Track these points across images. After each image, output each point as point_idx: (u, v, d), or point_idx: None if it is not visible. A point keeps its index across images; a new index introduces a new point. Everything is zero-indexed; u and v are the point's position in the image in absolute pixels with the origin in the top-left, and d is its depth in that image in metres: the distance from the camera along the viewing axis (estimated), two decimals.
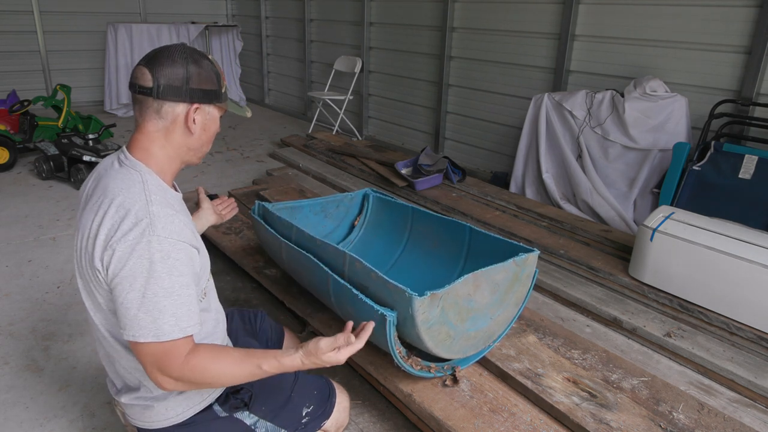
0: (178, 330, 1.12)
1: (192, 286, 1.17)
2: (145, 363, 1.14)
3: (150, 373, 1.14)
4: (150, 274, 1.09)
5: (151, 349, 1.11)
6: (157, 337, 1.10)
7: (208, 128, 1.29)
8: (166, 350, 1.11)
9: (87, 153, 4.01)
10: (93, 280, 1.17)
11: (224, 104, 1.31)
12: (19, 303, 2.63)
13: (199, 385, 1.20)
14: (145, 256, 1.09)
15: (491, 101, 4.52)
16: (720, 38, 3.14)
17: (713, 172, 2.92)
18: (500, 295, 1.78)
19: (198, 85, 1.22)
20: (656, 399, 1.75)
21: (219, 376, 1.18)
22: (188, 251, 1.17)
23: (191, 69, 1.22)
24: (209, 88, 1.25)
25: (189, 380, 1.15)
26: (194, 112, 1.23)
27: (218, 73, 1.28)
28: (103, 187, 1.19)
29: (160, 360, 1.12)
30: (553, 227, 3.15)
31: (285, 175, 4.14)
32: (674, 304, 2.40)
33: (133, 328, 1.10)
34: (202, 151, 1.32)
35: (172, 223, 1.15)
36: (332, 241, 2.18)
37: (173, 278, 1.12)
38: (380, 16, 5.42)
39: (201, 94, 1.23)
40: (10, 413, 1.94)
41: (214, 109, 1.29)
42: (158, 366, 1.12)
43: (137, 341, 1.11)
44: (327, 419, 1.55)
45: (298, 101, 7.00)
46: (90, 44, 6.90)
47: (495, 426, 1.61)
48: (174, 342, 1.12)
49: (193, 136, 1.26)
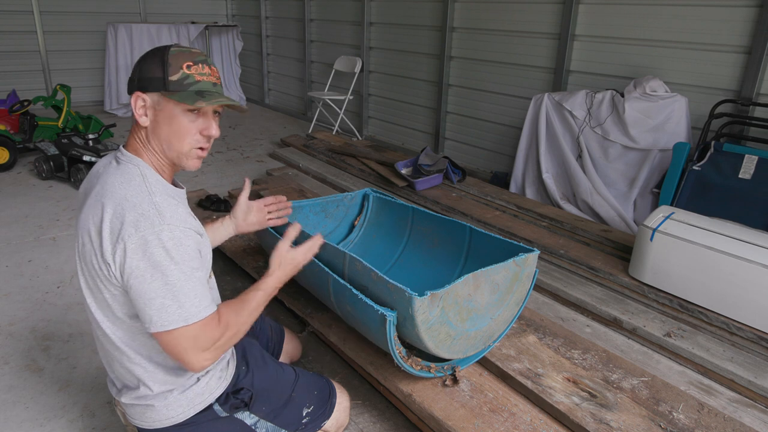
0: (203, 309, 1.16)
1: (202, 269, 1.21)
2: (178, 348, 1.15)
3: (185, 357, 1.16)
4: (168, 261, 1.12)
5: (185, 333, 1.14)
6: (186, 321, 1.13)
7: (162, 121, 1.21)
8: (199, 329, 1.15)
9: (87, 153, 4.01)
10: (100, 276, 1.17)
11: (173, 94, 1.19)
12: (19, 303, 2.63)
13: (232, 342, 1.26)
14: (160, 245, 1.11)
15: (491, 101, 4.52)
16: (720, 38, 3.14)
17: (713, 172, 2.92)
18: (500, 295, 1.78)
19: (141, 74, 1.21)
20: (656, 399, 1.75)
21: (243, 323, 1.28)
22: (195, 237, 1.20)
23: (145, 61, 1.22)
24: (150, 76, 1.20)
25: (224, 343, 1.22)
26: (135, 100, 1.21)
27: (168, 62, 1.20)
28: (102, 184, 1.20)
29: (195, 339, 1.15)
30: (553, 227, 3.15)
31: (285, 175, 4.14)
32: (674, 304, 2.40)
33: (161, 318, 1.12)
34: (174, 151, 1.24)
35: (177, 212, 1.17)
36: (332, 241, 2.18)
37: (188, 262, 1.15)
38: (380, 16, 5.42)
39: (143, 82, 1.21)
40: (10, 413, 1.94)
41: (163, 99, 1.20)
42: (194, 346, 1.16)
43: (167, 329, 1.12)
44: (327, 419, 1.55)
45: (298, 101, 7.00)
46: (90, 44, 6.90)
47: (495, 426, 1.61)
48: (202, 321, 1.16)
49: (149, 130, 1.23)
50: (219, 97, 1.24)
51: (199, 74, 1.23)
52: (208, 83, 1.24)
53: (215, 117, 1.28)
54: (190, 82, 1.21)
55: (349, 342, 2.01)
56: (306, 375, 1.58)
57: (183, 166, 1.28)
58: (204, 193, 3.55)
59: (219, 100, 1.23)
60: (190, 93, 1.21)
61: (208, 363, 1.20)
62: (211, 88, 1.24)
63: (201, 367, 1.19)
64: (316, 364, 2.13)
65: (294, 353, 1.99)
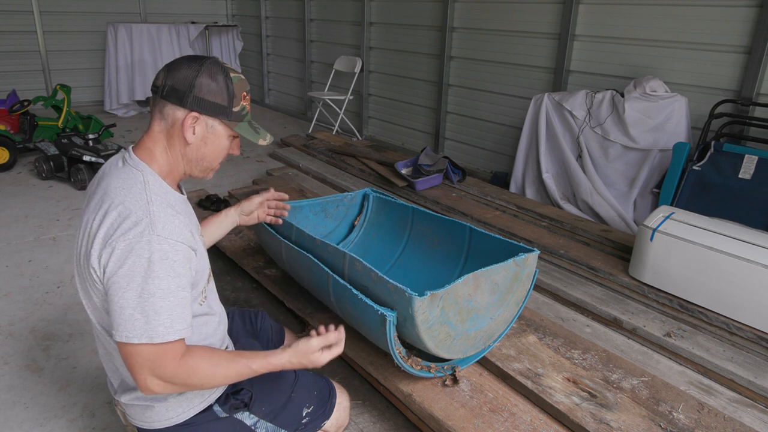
0: (173, 332, 1.11)
1: (188, 288, 1.17)
2: (134, 365, 1.11)
3: (138, 375, 1.11)
4: (148, 273, 1.09)
5: (144, 351, 1.10)
6: (150, 339, 1.09)
7: (210, 142, 1.26)
8: (161, 352, 1.11)
9: (87, 153, 4.01)
10: (88, 279, 1.17)
11: (232, 124, 1.26)
12: (19, 303, 2.63)
13: (189, 387, 1.19)
14: (144, 255, 1.09)
15: (491, 101, 4.52)
16: (720, 38, 3.14)
17: (713, 172, 2.92)
18: (500, 295, 1.78)
19: (203, 95, 1.20)
20: (656, 399, 1.75)
21: (211, 377, 1.18)
22: (186, 253, 1.17)
23: (202, 78, 1.20)
24: (215, 101, 1.22)
25: (181, 382, 1.15)
26: (192, 120, 1.21)
27: (234, 93, 1.25)
28: (105, 186, 1.19)
29: (153, 362, 1.11)
30: (553, 227, 3.15)
31: (285, 175, 4.14)
32: (674, 304, 2.40)
33: (126, 329, 1.09)
34: (202, 165, 1.29)
35: (172, 224, 1.15)
36: (332, 241, 2.18)
37: (171, 279, 1.12)
38: (380, 16, 5.42)
39: (204, 104, 1.21)
40: (10, 413, 1.94)
41: (219, 124, 1.25)
42: (150, 368, 1.11)
43: (130, 342, 1.09)
44: (327, 419, 1.55)
45: (298, 101, 7.00)
46: (90, 44, 6.90)
47: (495, 426, 1.61)
48: (168, 344, 1.11)
49: (190, 146, 1.24)
50: (263, 131, 1.36)
51: (249, 104, 1.32)
52: (249, 113, 1.33)
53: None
54: (244, 113, 1.29)
55: (349, 342, 2.01)
56: (306, 375, 1.58)
57: (203, 177, 1.33)
58: (204, 193, 3.55)
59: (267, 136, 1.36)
60: (247, 126, 1.30)
61: (157, 390, 1.13)
62: (251, 117, 1.34)
63: (149, 391, 1.13)
64: None
65: None
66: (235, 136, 1.31)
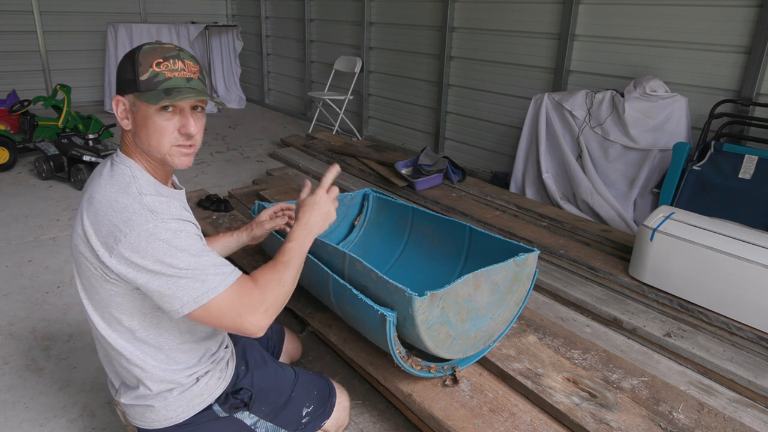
0: (228, 275, 1.15)
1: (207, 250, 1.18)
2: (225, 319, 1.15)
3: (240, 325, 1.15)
4: (172, 251, 1.11)
5: (220, 303, 1.13)
6: (216, 291, 1.12)
7: (139, 122, 1.19)
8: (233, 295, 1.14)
9: (87, 153, 4.01)
10: (96, 276, 1.17)
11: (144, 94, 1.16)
12: (19, 303, 2.63)
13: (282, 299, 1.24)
14: (157, 239, 1.10)
15: (491, 101, 4.52)
16: (720, 38, 3.14)
17: (713, 172, 2.92)
18: (500, 295, 1.78)
19: (118, 77, 1.21)
20: (656, 399, 1.74)
21: (286, 279, 1.25)
22: (192, 227, 1.19)
23: (120, 61, 1.22)
24: (124, 78, 1.19)
25: (272, 301, 1.20)
26: (115, 104, 1.22)
27: (139, 61, 1.16)
28: (95, 186, 1.20)
29: (238, 305, 1.14)
30: (553, 227, 3.15)
31: (285, 175, 4.14)
32: (674, 304, 2.40)
33: (190, 299, 1.11)
34: (155, 151, 1.20)
35: (170, 207, 1.16)
36: (332, 241, 2.18)
37: (193, 244, 1.14)
38: (380, 16, 5.42)
39: (119, 84, 1.20)
40: (10, 413, 1.94)
41: (137, 100, 1.17)
42: (242, 311, 1.15)
43: (201, 305, 1.12)
44: (327, 419, 1.55)
45: (298, 101, 7.00)
46: (90, 44, 6.90)
47: (495, 426, 1.61)
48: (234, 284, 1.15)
49: (130, 133, 1.23)
50: (188, 92, 1.17)
51: (170, 70, 1.17)
52: (180, 79, 1.18)
53: (195, 113, 1.22)
54: (160, 80, 1.16)
55: (349, 342, 2.01)
56: (306, 375, 1.58)
57: (171, 164, 1.24)
58: (204, 193, 3.54)
59: (186, 96, 1.16)
60: (158, 92, 1.15)
61: (266, 322, 1.18)
62: (184, 84, 1.18)
63: (258, 327, 1.17)
64: (316, 364, 2.13)
65: (294, 353, 1.99)
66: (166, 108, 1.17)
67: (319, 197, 1.38)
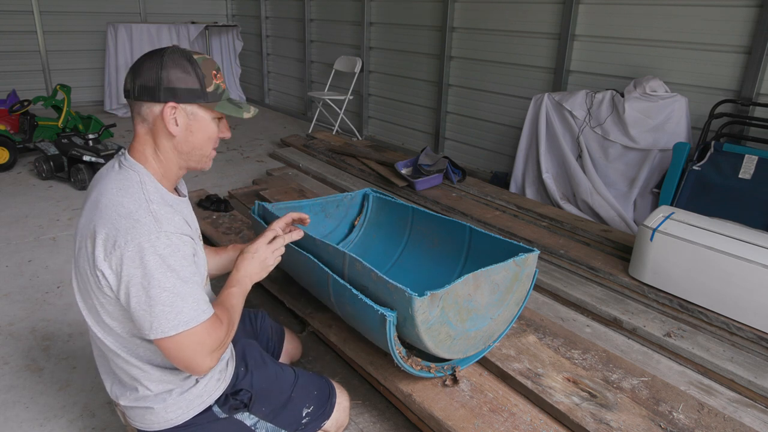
0: (202, 312, 1.16)
1: (197, 274, 1.21)
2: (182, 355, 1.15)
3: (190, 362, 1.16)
4: (165, 269, 1.12)
5: (186, 338, 1.14)
6: (186, 325, 1.13)
7: (196, 130, 1.24)
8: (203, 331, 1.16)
9: (87, 153, 4.01)
10: (91, 284, 1.17)
11: (212, 105, 1.24)
12: (19, 303, 2.63)
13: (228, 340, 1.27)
14: (156, 253, 1.11)
15: (491, 101, 4.52)
16: (720, 38, 3.14)
17: (713, 172, 2.92)
18: (500, 295, 1.78)
19: (173, 85, 1.18)
20: (656, 399, 1.74)
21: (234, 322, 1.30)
22: (191, 244, 1.20)
23: (168, 69, 1.19)
24: (187, 87, 1.20)
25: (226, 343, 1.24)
26: (171, 111, 1.20)
27: (202, 73, 1.22)
28: (101, 189, 1.20)
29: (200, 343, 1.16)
30: (553, 227, 3.15)
31: (285, 175, 4.14)
32: (674, 304, 2.40)
33: (161, 324, 1.12)
34: (197, 155, 1.27)
35: (174, 219, 1.17)
36: (332, 241, 2.18)
37: (185, 269, 1.15)
38: (380, 16, 5.42)
39: (178, 93, 1.19)
40: (10, 413, 1.94)
41: (199, 109, 1.23)
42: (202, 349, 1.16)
43: (167, 335, 1.12)
44: (327, 419, 1.55)
45: (298, 101, 7.00)
46: (90, 44, 6.90)
47: (495, 426, 1.61)
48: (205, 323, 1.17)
49: (177, 139, 1.23)
50: (245, 104, 1.32)
51: (222, 81, 1.28)
52: (227, 90, 1.30)
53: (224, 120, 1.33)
54: (221, 91, 1.26)
55: (349, 342, 2.01)
56: (305, 375, 1.58)
57: (201, 167, 1.31)
58: (204, 193, 3.55)
59: (250, 108, 1.32)
60: (227, 103, 1.27)
61: (214, 363, 1.20)
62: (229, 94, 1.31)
63: (207, 368, 1.19)
64: (316, 364, 2.13)
65: (294, 353, 1.99)
66: (219, 118, 1.29)
67: (258, 246, 1.43)
